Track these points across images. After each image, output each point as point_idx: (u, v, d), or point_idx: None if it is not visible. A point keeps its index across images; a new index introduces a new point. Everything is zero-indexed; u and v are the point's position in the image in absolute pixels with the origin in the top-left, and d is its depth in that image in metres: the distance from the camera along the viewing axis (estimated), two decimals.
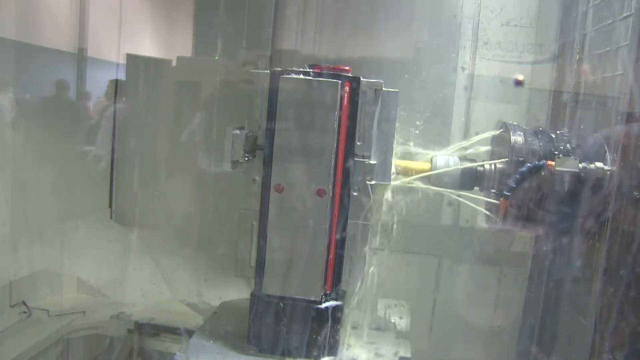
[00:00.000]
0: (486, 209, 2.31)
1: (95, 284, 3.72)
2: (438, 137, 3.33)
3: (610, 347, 1.87)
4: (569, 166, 2.05)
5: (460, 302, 3.45)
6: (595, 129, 2.60)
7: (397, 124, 2.08)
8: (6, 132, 3.23)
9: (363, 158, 2.00)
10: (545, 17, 3.27)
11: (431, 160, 2.29)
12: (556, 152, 2.14)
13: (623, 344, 1.85)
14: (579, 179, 2.05)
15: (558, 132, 2.28)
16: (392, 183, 2.16)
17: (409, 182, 2.25)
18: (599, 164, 2.05)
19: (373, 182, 2.02)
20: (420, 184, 2.26)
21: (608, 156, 2.07)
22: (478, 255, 3.29)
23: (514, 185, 2.10)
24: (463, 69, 3.37)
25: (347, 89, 1.93)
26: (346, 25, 3.53)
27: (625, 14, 2.36)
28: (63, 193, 3.64)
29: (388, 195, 2.15)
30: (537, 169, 2.10)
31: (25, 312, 3.29)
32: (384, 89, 2.00)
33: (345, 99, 1.93)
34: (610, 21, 2.53)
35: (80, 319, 3.45)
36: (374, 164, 2.01)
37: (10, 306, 3.27)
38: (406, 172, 2.26)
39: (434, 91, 3.37)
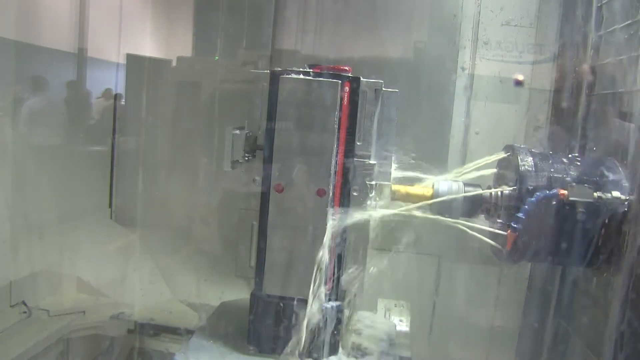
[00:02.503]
0: (492, 239, 2.13)
1: (95, 284, 3.72)
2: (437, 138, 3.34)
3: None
4: (583, 196, 1.88)
5: (460, 302, 3.45)
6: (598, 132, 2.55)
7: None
8: (6, 132, 3.23)
9: (363, 158, 2.01)
10: (545, 17, 3.27)
11: (433, 185, 2.13)
12: (569, 180, 1.96)
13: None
14: (593, 209, 1.88)
15: (570, 156, 2.10)
16: (390, 211, 2.05)
17: (408, 211, 2.10)
18: (616, 193, 1.88)
19: (373, 182, 2.02)
20: (420, 212, 2.10)
21: (626, 184, 1.92)
22: (478, 255, 3.29)
23: (523, 217, 1.91)
24: (463, 69, 3.37)
25: (347, 89, 1.93)
26: (346, 25, 3.53)
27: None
28: (63, 193, 3.64)
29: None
30: (548, 199, 1.92)
31: (25, 312, 3.29)
32: (384, 89, 2.00)
33: (345, 99, 1.93)
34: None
35: (80, 319, 3.45)
36: (374, 164, 2.01)
37: (10, 306, 3.27)
38: (405, 198, 2.12)
39: (433, 91, 3.38)
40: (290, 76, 1.90)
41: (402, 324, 2.77)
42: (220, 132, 3.07)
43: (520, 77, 3.31)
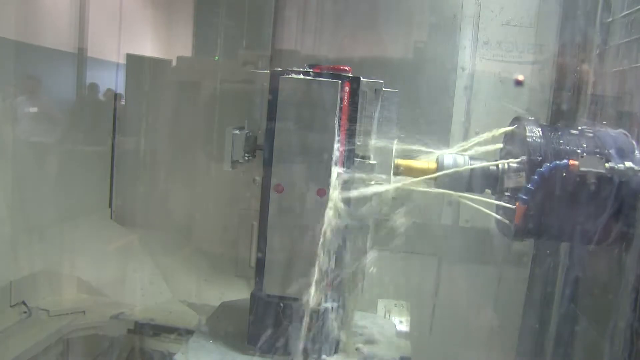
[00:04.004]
0: (499, 214, 2.05)
1: (95, 284, 3.72)
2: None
3: None
4: (594, 166, 1.79)
5: (460, 303, 3.45)
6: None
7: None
8: (6, 132, 3.23)
9: (363, 158, 2.01)
10: (545, 17, 3.27)
11: (437, 159, 2.07)
12: (579, 151, 1.86)
13: None
14: (605, 180, 1.80)
15: (580, 128, 2.00)
16: (392, 185, 2.00)
17: (411, 185, 2.03)
18: (629, 164, 1.79)
19: (373, 183, 2.02)
20: (423, 186, 2.02)
21: (637, 154, 1.85)
22: (478, 255, 3.29)
23: (532, 188, 1.82)
24: (463, 69, 3.37)
25: (347, 89, 1.93)
26: (346, 25, 3.53)
27: None
28: (63, 193, 3.64)
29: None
30: (558, 170, 1.82)
31: (25, 312, 3.30)
32: (383, 89, 2.00)
33: (345, 99, 1.93)
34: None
35: (80, 319, 3.45)
36: (374, 164, 2.01)
37: (10, 306, 3.27)
38: (409, 172, 2.05)
39: (433, 91, 3.38)
40: (290, 76, 1.90)
41: (402, 325, 2.76)
42: (220, 132, 3.07)
43: (520, 77, 3.31)
